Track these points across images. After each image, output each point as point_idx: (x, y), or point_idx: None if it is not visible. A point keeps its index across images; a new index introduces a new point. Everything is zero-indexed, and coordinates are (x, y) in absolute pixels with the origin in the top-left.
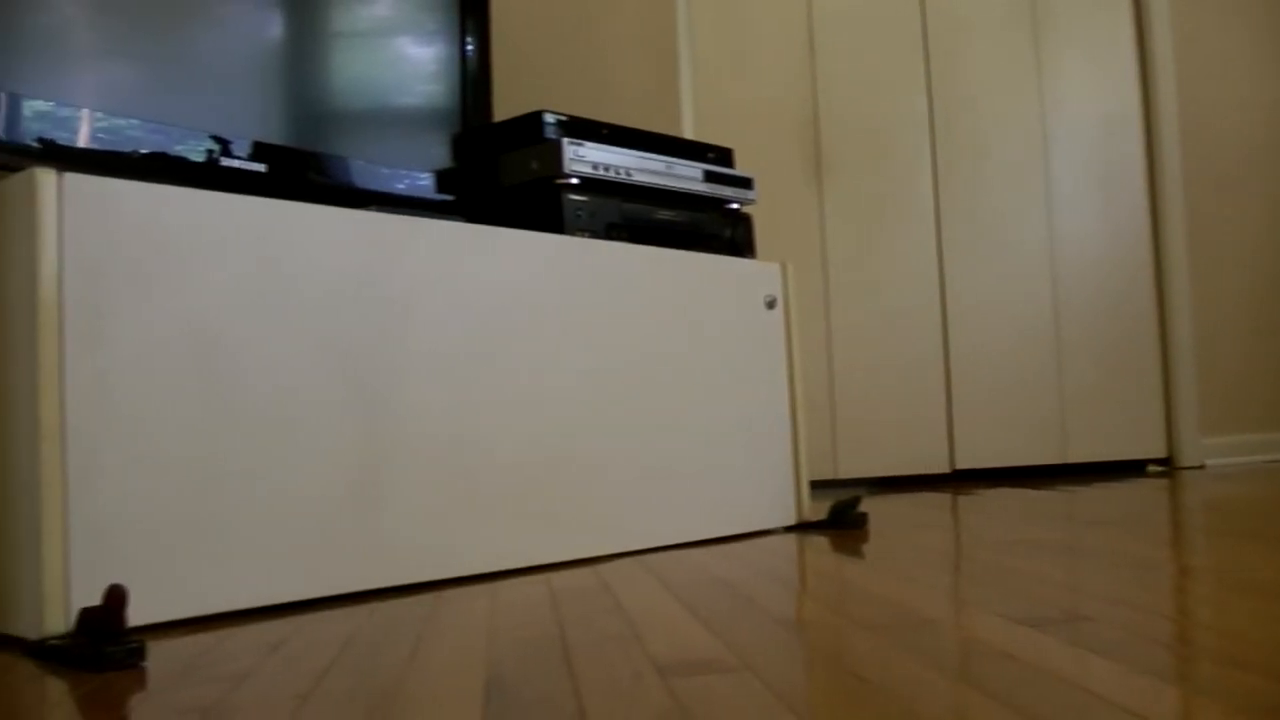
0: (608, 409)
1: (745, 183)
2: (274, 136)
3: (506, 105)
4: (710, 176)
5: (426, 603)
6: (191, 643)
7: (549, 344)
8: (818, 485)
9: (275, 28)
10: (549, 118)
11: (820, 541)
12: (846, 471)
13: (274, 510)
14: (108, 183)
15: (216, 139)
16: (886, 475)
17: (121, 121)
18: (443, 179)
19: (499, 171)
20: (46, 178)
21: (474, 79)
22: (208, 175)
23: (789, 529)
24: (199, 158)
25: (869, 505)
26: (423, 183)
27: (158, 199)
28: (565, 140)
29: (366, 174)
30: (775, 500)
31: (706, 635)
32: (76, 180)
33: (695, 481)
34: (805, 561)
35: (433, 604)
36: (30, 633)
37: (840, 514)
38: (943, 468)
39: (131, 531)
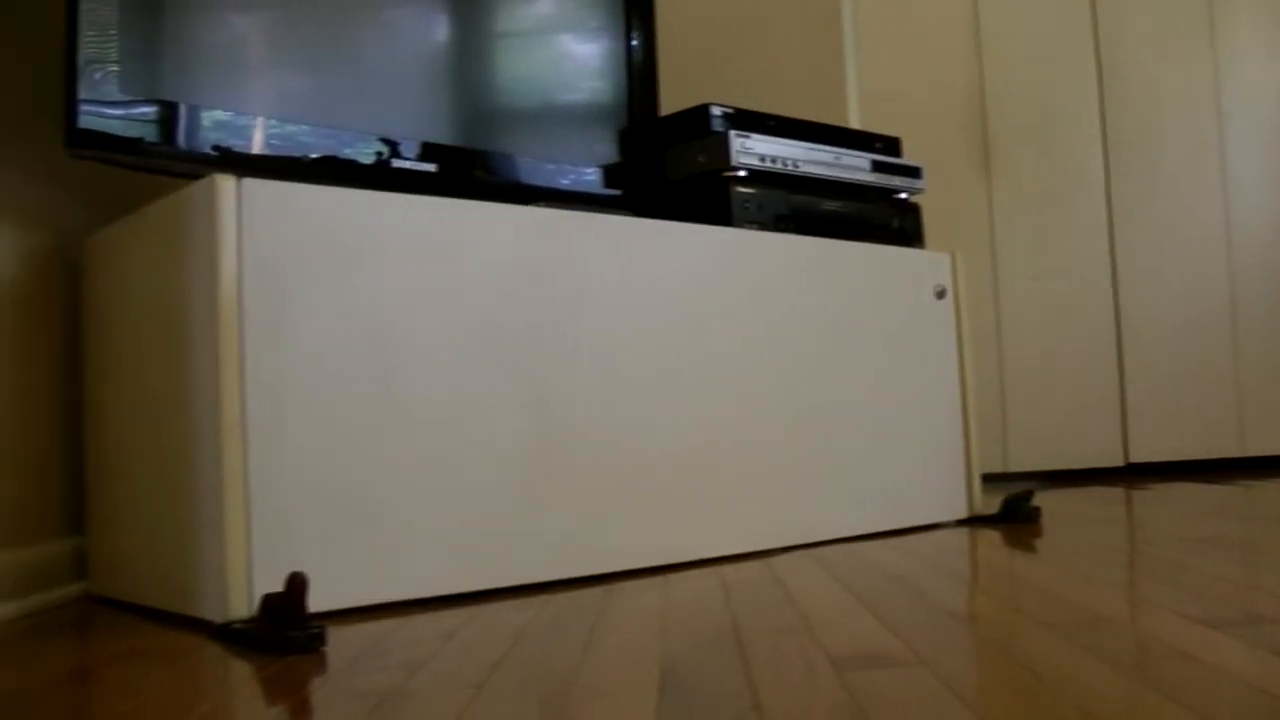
0: (777, 401)
1: (913, 171)
2: (441, 136)
3: (671, 99)
4: (878, 166)
5: (597, 595)
6: (367, 630)
7: (718, 336)
8: (987, 479)
9: (440, 31)
10: (716, 110)
11: (992, 536)
12: (1017, 465)
13: (446, 503)
14: (283, 186)
15: (385, 141)
16: (1058, 469)
17: (293, 128)
18: (610, 174)
19: (666, 165)
20: (226, 183)
21: (640, 73)
22: (377, 176)
23: (960, 523)
24: (368, 160)
25: (1040, 499)
26: (590, 178)
27: (331, 201)
28: (732, 133)
29: (533, 171)
30: (946, 493)
31: (879, 629)
32: (254, 185)
33: (865, 474)
34: (977, 556)
35: (603, 597)
36: (216, 616)
37: (1013, 508)
38: (1116, 461)
39: (309, 522)
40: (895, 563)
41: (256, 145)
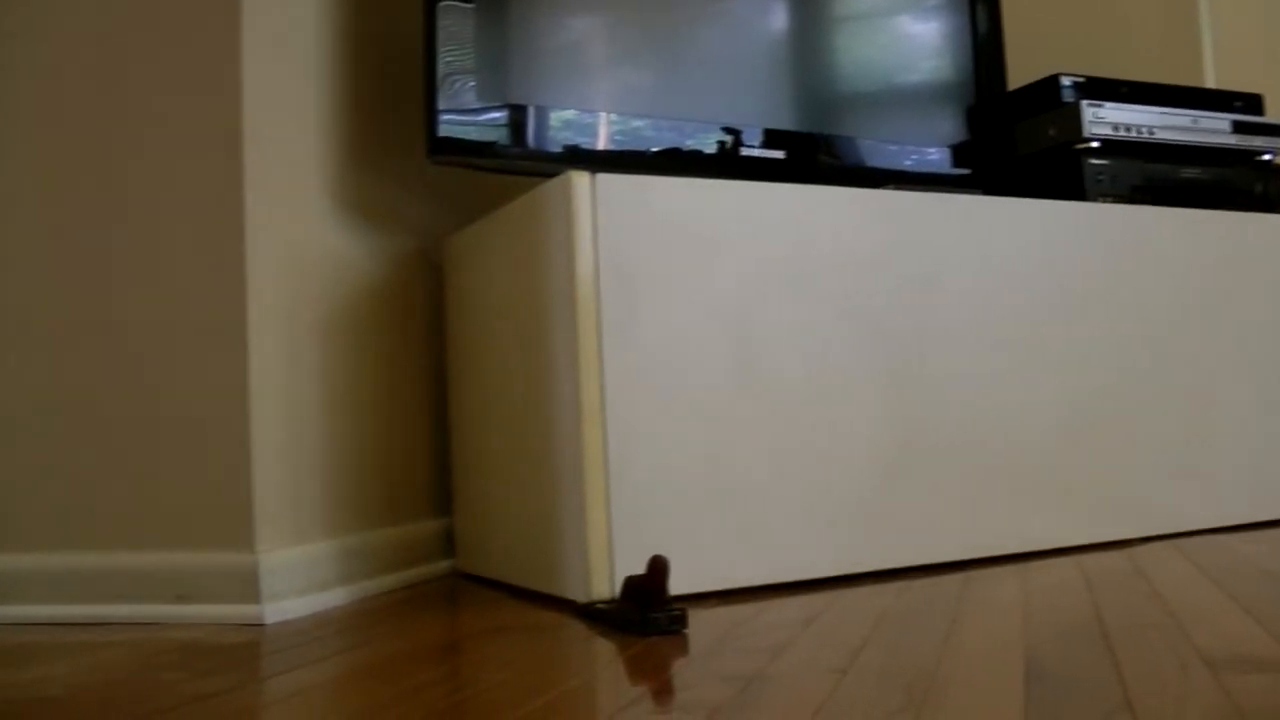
0: (1136, 382)
1: (1277, 131)
2: (784, 123)
3: (1017, 71)
4: (1239, 127)
5: (955, 582)
6: (727, 614)
7: (1076, 314)
8: None
9: (778, 17)
10: (1066, 80)
11: None
12: None
13: (803, 488)
14: (635, 180)
15: (728, 130)
16: None
17: (636, 122)
18: (957, 152)
19: (1015, 141)
20: (580, 179)
21: (985, 48)
22: (721, 166)
23: None
24: (711, 150)
25: None
26: (937, 158)
27: (681, 192)
28: (1084, 102)
29: (879, 153)
30: None
31: (1256, 630)
32: (607, 180)
33: (1230, 460)
34: None
35: (962, 584)
36: (578, 596)
37: None
38: None
39: (668, 506)
40: (1266, 557)
41: (602, 141)
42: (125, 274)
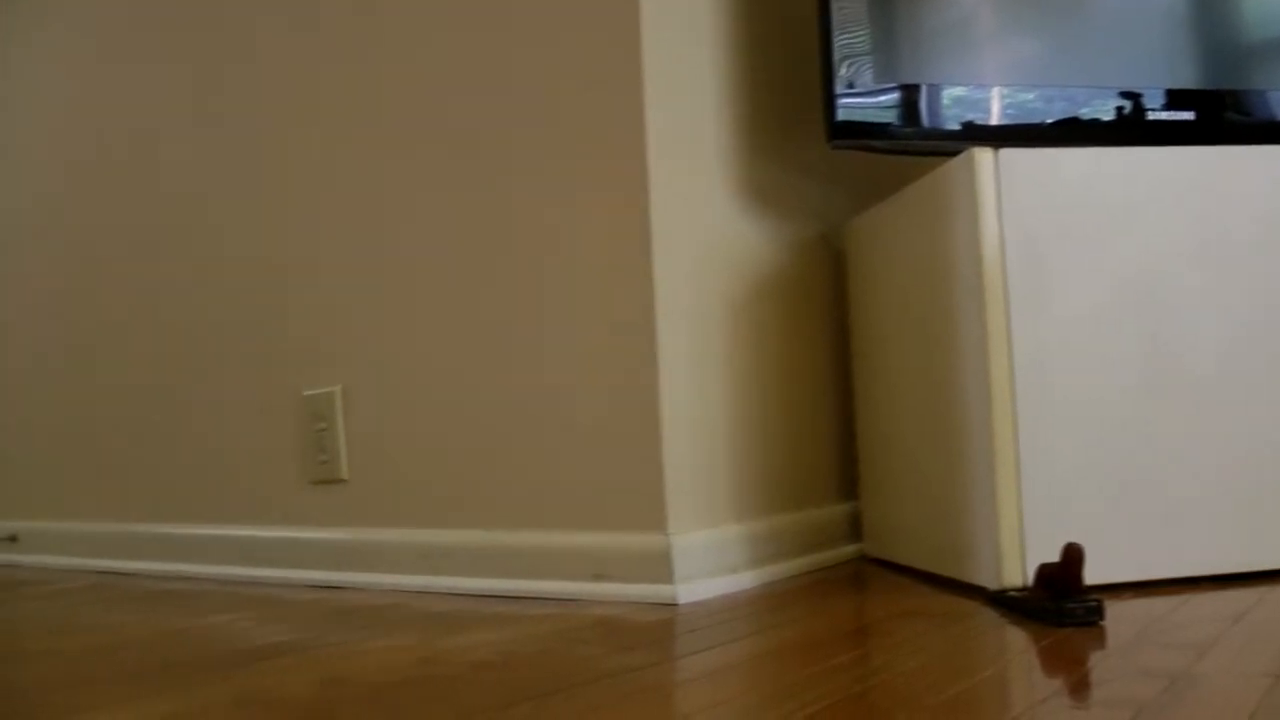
0: None
1: None
2: (1186, 81)
3: None
4: None
5: None
6: (1145, 606)
7: None
8: None
9: None
10: None
11: None
12: None
13: (1226, 473)
14: (1038, 153)
15: (1125, 94)
16: None
17: (1028, 95)
18: None
19: None
20: (984, 155)
21: None
22: (1121, 132)
23: None
24: (1109, 116)
25: None
26: None
27: (1087, 162)
28: None
29: None
30: None
31: None
32: (1010, 155)
33: None
34: None
35: None
36: (989, 583)
37: None
38: None
39: (1081, 491)
40: None
41: (995, 116)
42: (541, 272)
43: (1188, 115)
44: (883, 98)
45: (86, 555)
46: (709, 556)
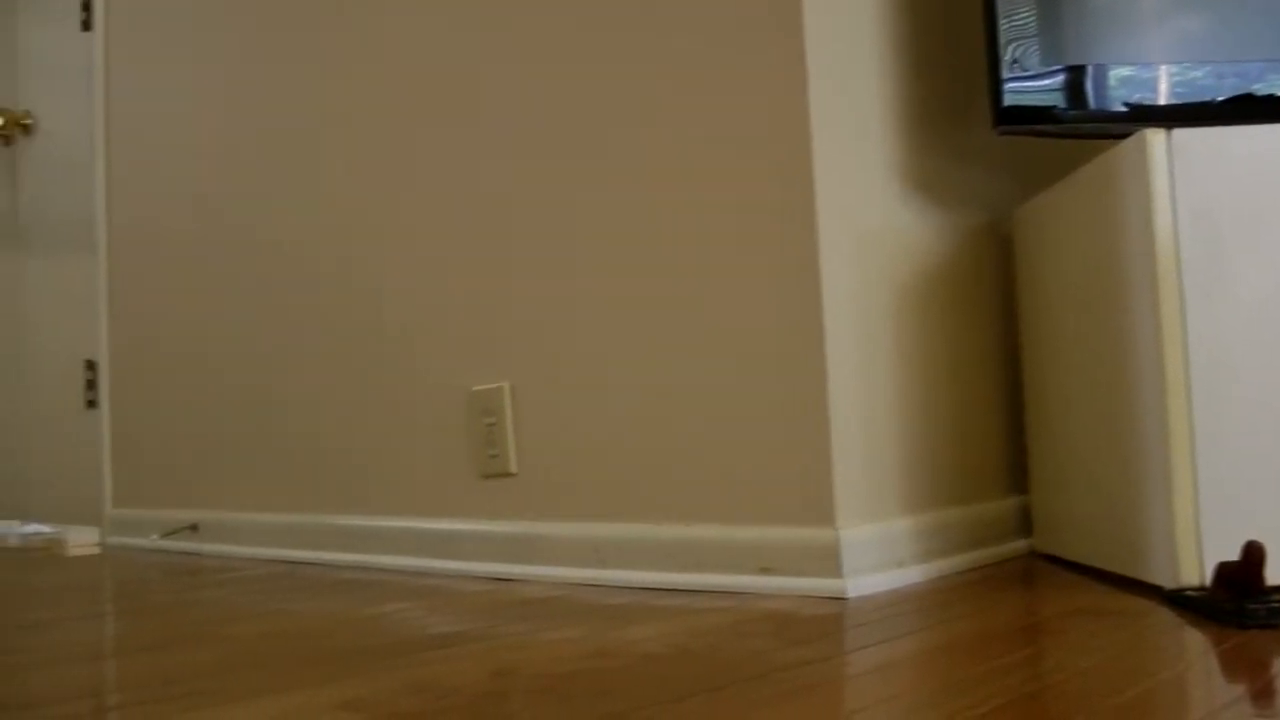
0: None
1: None
2: None
3: None
4: None
5: None
6: None
7: None
8: None
9: None
10: None
11: None
12: None
13: None
14: (1212, 132)
15: None
16: None
17: (1196, 72)
18: None
19: None
20: (1156, 137)
21: None
22: None
23: None
24: None
25: None
26: None
27: (1263, 140)
28: None
29: None
30: None
31: None
32: (1184, 135)
33: None
34: None
35: None
36: (1165, 581)
37: None
38: None
39: (1261, 485)
40: None
41: (1163, 96)
42: (706, 265)
43: None
44: (1048, 80)
45: (264, 545)
46: (877, 550)
